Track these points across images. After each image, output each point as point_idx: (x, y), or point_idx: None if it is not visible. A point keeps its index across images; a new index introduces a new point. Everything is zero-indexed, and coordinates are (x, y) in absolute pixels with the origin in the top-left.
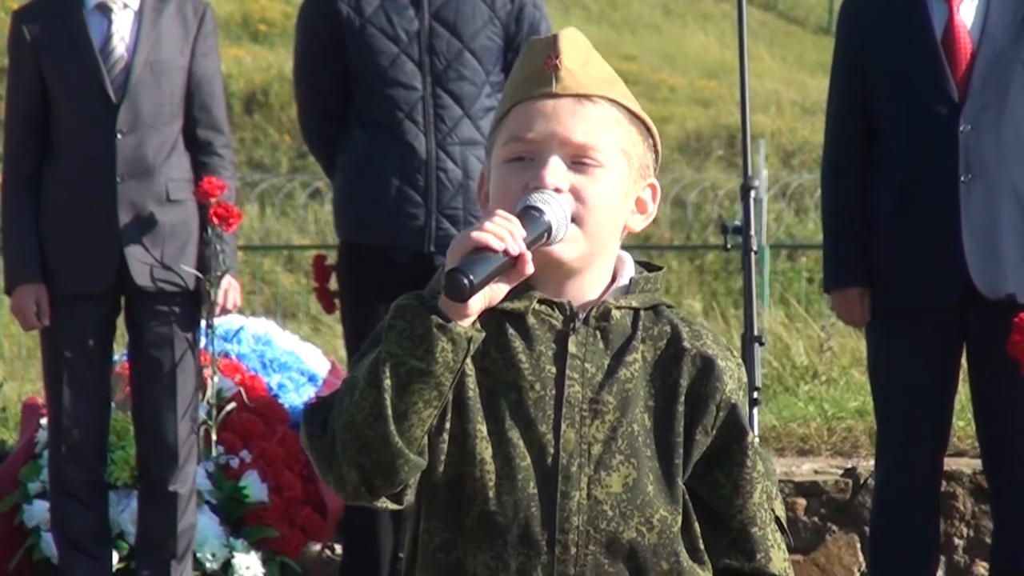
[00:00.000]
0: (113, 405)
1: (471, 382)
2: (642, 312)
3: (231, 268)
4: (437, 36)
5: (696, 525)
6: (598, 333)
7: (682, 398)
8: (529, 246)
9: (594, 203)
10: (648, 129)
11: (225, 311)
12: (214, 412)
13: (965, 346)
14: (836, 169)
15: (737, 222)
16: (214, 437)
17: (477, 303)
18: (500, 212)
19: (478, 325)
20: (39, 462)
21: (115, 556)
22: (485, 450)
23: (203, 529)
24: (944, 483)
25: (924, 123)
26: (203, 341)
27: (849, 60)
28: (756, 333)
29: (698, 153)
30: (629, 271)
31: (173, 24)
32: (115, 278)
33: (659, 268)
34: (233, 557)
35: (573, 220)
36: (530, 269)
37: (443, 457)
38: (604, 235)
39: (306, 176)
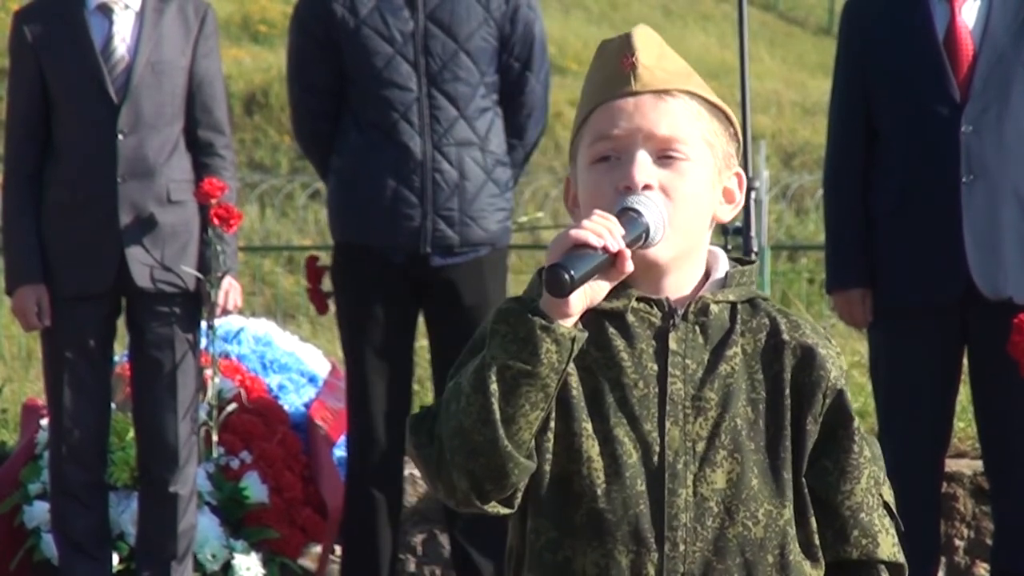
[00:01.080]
0: (113, 406)
1: (574, 381)
2: (739, 305)
3: (231, 269)
4: (432, 37)
5: (813, 520)
6: (697, 328)
7: (787, 390)
8: (628, 245)
9: (683, 198)
10: (728, 119)
11: (225, 312)
12: (214, 413)
13: (966, 347)
14: (838, 170)
15: (738, 223)
16: (214, 438)
17: (578, 302)
18: (598, 211)
19: (580, 325)
20: (39, 463)
21: (115, 557)
22: (592, 448)
23: (203, 530)
24: (945, 484)
25: (925, 124)
26: (203, 342)
27: (851, 61)
28: None
29: None
30: (724, 265)
31: (174, 25)
32: (116, 279)
33: (752, 261)
34: (233, 558)
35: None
36: (630, 267)
37: (549, 456)
38: (696, 229)
39: (306, 177)
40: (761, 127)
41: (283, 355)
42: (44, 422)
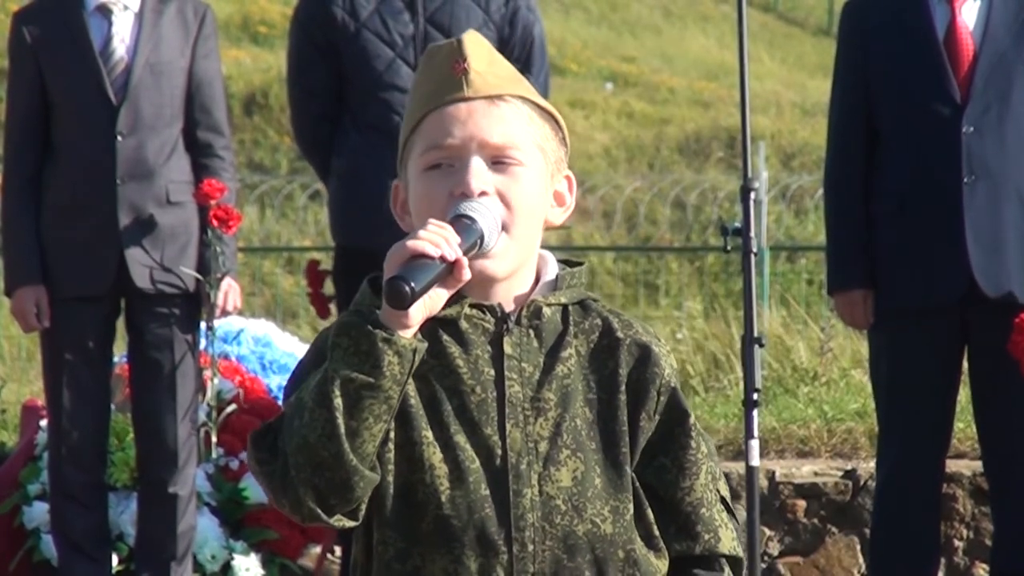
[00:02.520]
0: (113, 407)
1: (411, 390)
2: (571, 307)
3: (231, 270)
4: (432, 40)
5: (649, 512)
6: (531, 332)
7: (623, 387)
8: (464, 253)
9: (519, 204)
10: (557, 123)
11: (225, 313)
12: (214, 414)
13: (966, 348)
14: (838, 171)
15: (737, 224)
16: (214, 439)
17: (418, 313)
18: (433, 220)
19: (420, 336)
20: (39, 464)
21: (115, 558)
22: (433, 455)
23: (203, 531)
24: (944, 485)
25: (926, 124)
26: (203, 343)
27: (851, 62)
28: (756, 335)
29: (698, 155)
30: (553, 268)
31: (173, 26)
32: (115, 280)
33: (580, 263)
34: (233, 559)
35: (502, 228)
36: (467, 275)
37: (391, 467)
38: (531, 235)
39: (306, 178)
40: (761, 128)
41: (283, 356)
42: (44, 423)
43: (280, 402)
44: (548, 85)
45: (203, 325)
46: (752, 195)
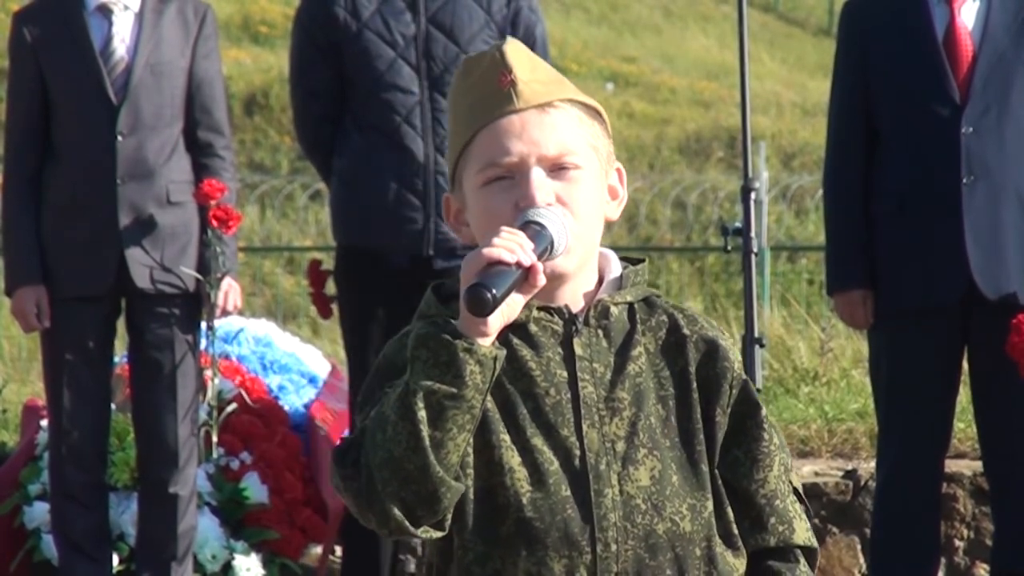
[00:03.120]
0: (113, 407)
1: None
2: (637, 305)
3: (231, 270)
4: (434, 40)
5: (729, 510)
6: (600, 332)
7: (695, 384)
8: (538, 258)
9: (581, 207)
10: (601, 116)
11: (225, 313)
12: (214, 414)
13: (966, 348)
14: (837, 171)
15: (737, 224)
16: (214, 439)
17: (496, 321)
18: (506, 228)
19: (498, 343)
20: (39, 464)
21: (115, 558)
22: (512, 458)
23: (203, 531)
24: (945, 485)
25: (925, 125)
26: (203, 343)
27: (850, 62)
28: (756, 335)
29: (698, 155)
30: (617, 267)
31: (174, 26)
32: (115, 280)
33: (642, 260)
34: (233, 559)
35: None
36: (542, 280)
37: (470, 471)
38: (594, 235)
39: (306, 178)
40: (761, 128)
41: (283, 356)
42: (44, 423)
43: (280, 402)
44: None
45: (203, 325)
46: (752, 195)
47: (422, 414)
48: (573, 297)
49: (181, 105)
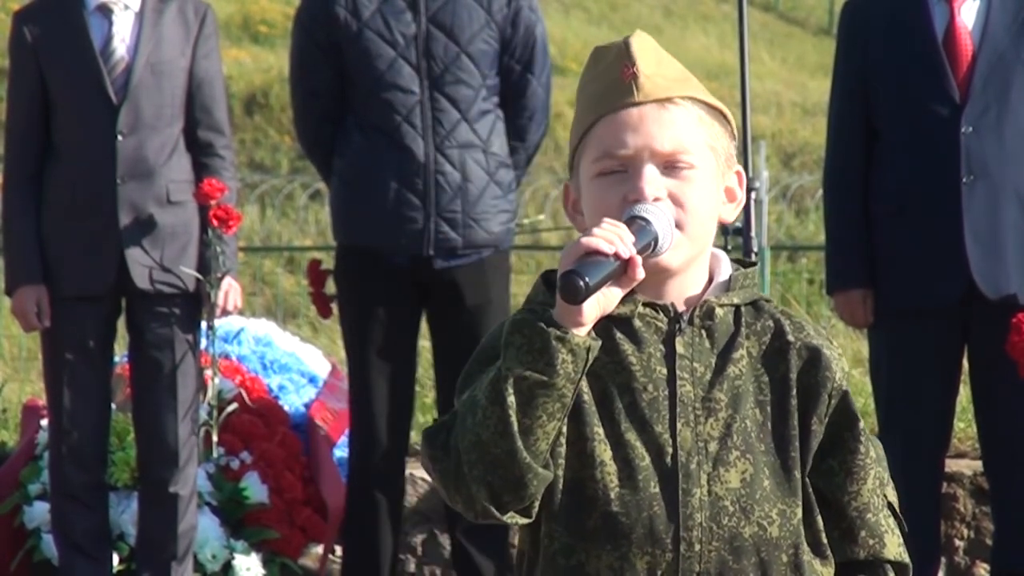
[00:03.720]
0: (113, 407)
1: (583, 386)
2: (743, 308)
3: (231, 270)
4: (434, 40)
5: (819, 519)
6: (703, 332)
7: (794, 391)
8: (638, 253)
9: (692, 206)
10: (726, 118)
11: (225, 313)
12: (215, 413)
13: (966, 347)
14: (837, 171)
15: (738, 223)
16: (215, 438)
17: (591, 311)
18: (608, 220)
19: (593, 334)
20: (39, 463)
21: (115, 558)
22: (604, 452)
23: (203, 530)
24: (945, 484)
25: (925, 124)
26: (203, 342)
27: (850, 62)
28: None
29: None
30: (727, 268)
31: (174, 25)
32: (115, 279)
33: (754, 263)
34: (233, 558)
35: (676, 227)
36: (641, 274)
37: (561, 461)
38: (704, 234)
39: (307, 177)
40: (761, 127)
41: (283, 355)
42: (44, 422)
43: (280, 402)
44: (550, 85)
45: (204, 325)
46: (753, 195)
47: (512, 399)
48: (680, 295)
49: (181, 105)
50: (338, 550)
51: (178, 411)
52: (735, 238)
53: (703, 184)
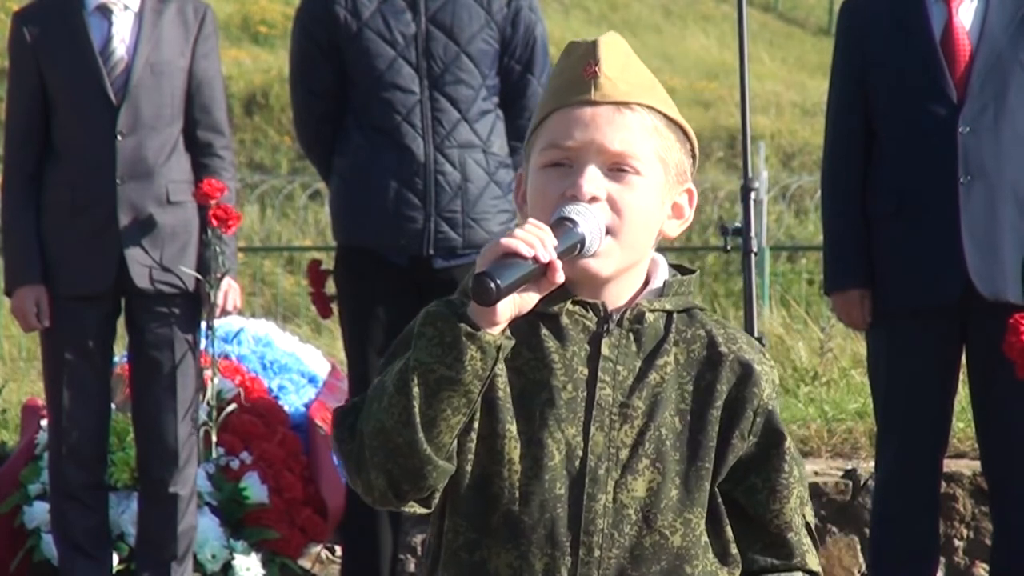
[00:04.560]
0: (113, 407)
1: (501, 382)
2: (675, 315)
3: (231, 270)
4: (434, 40)
5: (728, 529)
6: (631, 335)
7: (719, 403)
8: (560, 255)
9: (630, 213)
10: (685, 134)
11: (225, 313)
12: (214, 413)
13: (965, 348)
14: (836, 171)
15: (737, 224)
16: (214, 438)
17: (506, 311)
18: (532, 220)
19: (507, 332)
20: (39, 464)
21: (115, 558)
22: (514, 450)
23: (203, 530)
24: (944, 485)
25: (923, 124)
26: (203, 343)
27: (848, 62)
28: (756, 335)
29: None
30: (663, 274)
31: (173, 26)
32: (115, 279)
33: (692, 271)
34: (233, 558)
35: (608, 231)
36: (560, 278)
37: (470, 456)
38: (639, 243)
39: (306, 177)
40: (761, 128)
41: (283, 356)
42: (44, 422)
43: (280, 402)
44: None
45: (203, 325)
46: (752, 195)
47: (416, 391)
48: (615, 297)
49: (181, 105)
50: (337, 550)
51: (178, 411)
52: (735, 238)
53: (646, 193)
